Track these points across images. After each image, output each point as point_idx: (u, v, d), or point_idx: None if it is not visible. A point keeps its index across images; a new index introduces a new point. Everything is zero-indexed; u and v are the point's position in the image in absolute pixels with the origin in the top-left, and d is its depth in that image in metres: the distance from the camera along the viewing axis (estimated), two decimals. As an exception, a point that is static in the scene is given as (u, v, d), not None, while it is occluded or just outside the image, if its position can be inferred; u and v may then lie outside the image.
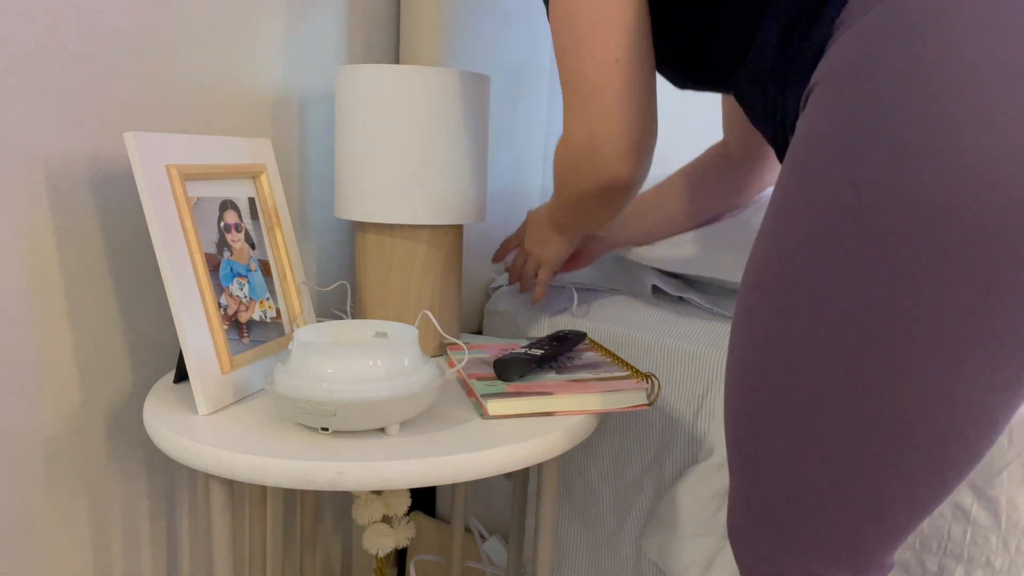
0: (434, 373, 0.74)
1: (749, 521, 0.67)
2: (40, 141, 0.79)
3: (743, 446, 0.66)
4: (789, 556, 0.65)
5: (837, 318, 0.56)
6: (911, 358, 0.54)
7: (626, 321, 1.05)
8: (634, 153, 0.77)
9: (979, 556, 0.79)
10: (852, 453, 0.60)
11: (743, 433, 0.66)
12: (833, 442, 0.60)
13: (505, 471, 0.70)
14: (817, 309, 0.57)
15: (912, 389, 0.55)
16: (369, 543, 1.10)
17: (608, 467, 1.05)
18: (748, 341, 0.63)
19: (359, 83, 0.90)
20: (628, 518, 1.04)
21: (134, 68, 0.86)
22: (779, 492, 0.64)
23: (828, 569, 0.65)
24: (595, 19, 0.75)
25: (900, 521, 0.62)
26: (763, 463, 0.64)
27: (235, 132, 0.98)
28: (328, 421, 0.68)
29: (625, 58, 0.75)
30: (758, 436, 0.64)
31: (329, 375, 0.69)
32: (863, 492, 0.61)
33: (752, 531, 0.67)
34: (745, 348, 0.64)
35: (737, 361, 0.65)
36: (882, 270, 0.54)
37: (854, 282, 0.55)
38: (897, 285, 0.53)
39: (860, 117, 0.54)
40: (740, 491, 0.68)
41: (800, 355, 0.59)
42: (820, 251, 0.56)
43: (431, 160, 0.91)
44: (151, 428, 0.72)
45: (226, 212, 0.83)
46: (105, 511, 0.90)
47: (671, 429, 0.99)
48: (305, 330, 0.75)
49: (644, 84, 0.77)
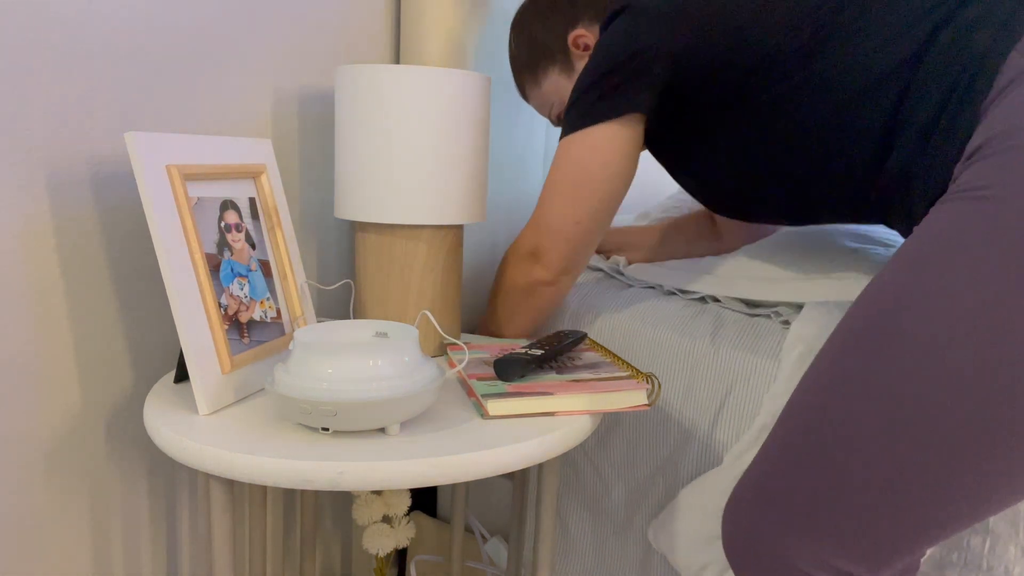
0: (434, 373, 0.74)
1: (778, 504, 0.68)
2: (40, 141, 0.79)
3: (814, 433, 0.65)
4: (811, 549, 0.66)
5: (968, 345, 0.57)
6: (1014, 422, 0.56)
7: (647, 319, 1.04)
8: (561, 271, 0.97)
9: (998, 566, 0.79)
10: (952, 468, 0.60)
11: (825, 419, 0.65)
12: (934, 452, 0.60)
13: (505, 471, 0.70)
14: (950, 333, 0.58)
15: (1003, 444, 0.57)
16: (369, 543, 1.10)
17: (622, 460, 1.04)
18: (874, 335, 0.63)
19: (359, 83, 0.90)
20: (638, 513, 1.03)
21: (134, 68, 0.86)
22: (845, 485, 0.64)
23: (848, 565, 0.65)
24: (581, 183, 0.92)
25: (933, 535, 0.63)
26: (836, 456, 0.64)
27: (235, 132, 0.98)
28: (328, 421, 0.68)
29: (585, 221, 0.94)
30: (846, 425, 0.63)
31: (329, 375, 0.69)
32: (917, 508, 0.61)
33: (777, 513, 0.68)
34: (864, 339, 0.63)
35: (847, 351, 0.65)
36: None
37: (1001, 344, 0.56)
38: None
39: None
40: (785, 473, 0.68)
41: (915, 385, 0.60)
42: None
43: (431, 160, 0.91)
44: (151, 428, 0.72)
45: (226, 212, 0.83)
46: (105, 511, 0.90)
47: (689, 428, 0.98)
48: (305, 330, 0.75)
49: (591, 239, 0.96)
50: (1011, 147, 0.58)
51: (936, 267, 0.60)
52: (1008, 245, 0.56)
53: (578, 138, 0.91)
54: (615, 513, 1.06)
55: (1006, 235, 0.56)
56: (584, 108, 0.90)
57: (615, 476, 1.05)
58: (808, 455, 0.66)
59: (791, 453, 0.67)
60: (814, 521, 0.65)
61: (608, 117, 0.88)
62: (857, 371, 0.63)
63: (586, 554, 1.09)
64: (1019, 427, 0.56)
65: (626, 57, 0.86)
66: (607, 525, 1.07)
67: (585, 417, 0.78)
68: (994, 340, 0.56)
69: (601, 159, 0.90)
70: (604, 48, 0.89)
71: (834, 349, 0.66)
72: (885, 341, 0.61)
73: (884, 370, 0.61)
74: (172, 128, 0.91)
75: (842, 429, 0.63)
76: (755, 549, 0.69)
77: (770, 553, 0.68)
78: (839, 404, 0.64)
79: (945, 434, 0.58)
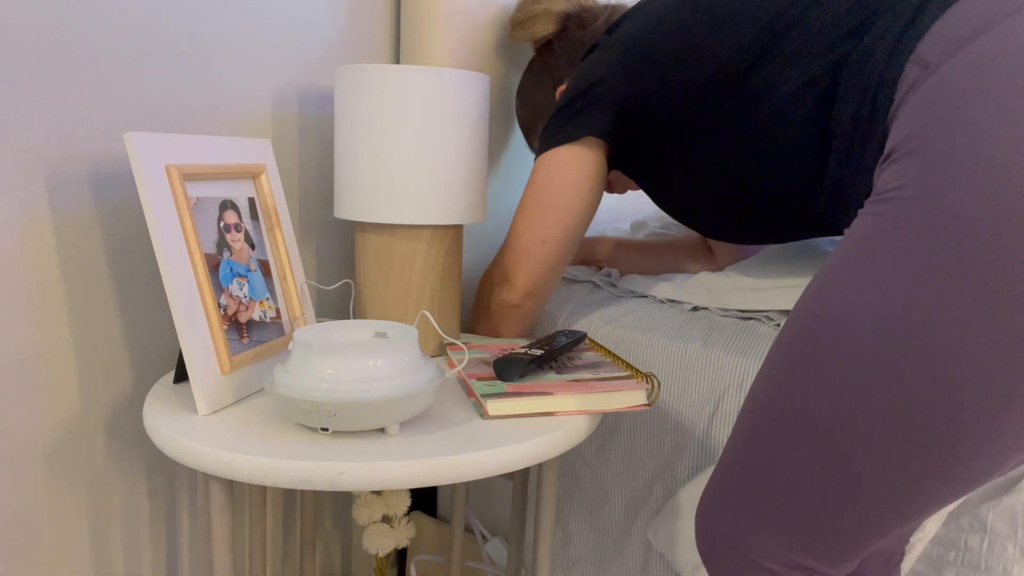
0: (434, 373, 0.74)
1: (737, 505, 0.70)
2: (40, 141, 0.79)
3: (763, 435, 0.68)
4: (771, 547, 0.68)
5: (896, 345, 0.59)
6: (958, 390, 0.57)
7: (641, 325, 1.04)
8: (527, 295, 1.01)
9: (996, 566, 0.79)
10: (889, 462, 0.61)
11: (769, 420, 0.67)
12: (872, 448, 0.62)
13: (505, 471, 0.70)
14: (879, 336, 0.60)
15: (963, 410, 0.58)
16: (369, 543, 1.10)
17: (621, 470, 1.04)
18: (807, 341, 0.65)
19: (359, 83, 0.90)
20: (637, 520, 1.03)
21: (134, 68, 0.86)
22: (793, 484, 0.66)
23: (808, 561, 0.68)
24: (550, 205, 0.98)
25: (891, 529, 0.64)
26: (782, 455, 0.66)
27: (235, 132, 0.98)
28: (328, 421, 0.68)
29: (551, 242, 0.98)
30: (789, 426, 0.66)
31: (329, 375, 0.69)
32: (865, 503, 0.63)
33: (737, 514, 0.70)
34: (798, 345, 0.66)
35: (786, 355, 0.67)
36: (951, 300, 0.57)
37: (930, 313, 0.58)
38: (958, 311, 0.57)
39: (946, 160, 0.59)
40: (733, 479, 0.71)
41: (854, 366, 0.61)
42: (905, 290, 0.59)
43: (431, 160, 0.91)
44: (151, 428, 0.72)
45: (226, 212, 0.83)
46: (105, 511, 0.90)
47: (685, 433, 0.98)
48: (305, 330, 0.75)
49: (559, 261, 1.00)
50: (908, 151, 0.62)
51: (855, 270, 0.63)
52: (911, 242, 0.59)
53: (544, 159, 0.98)
54: (615, 521, 1.06)
55: (908, 232, 0.59)
56: (551, 132, 0.98)
57: (614, 484, 1.05)
58: (758, 457, 0.68)
59: (744, 455, 0.70)
60: (771, 521, 0.68)
61: (570, 139, 0.96)
62: (794, 378, 0.66)
63: (586, 562, 1.09)
64: (951, 416, 0.58)
65: (587, 86, 0.95)
66: (608, 534, 1.07)
67: (585, 417, 0.78)
68: (916, 334, 0.58)
69: (566, 180, 0.97)
70: (572, 80, 0.98)
71: (773, 357, 0.69)
72: (818, 345, 0.64)
73: (820, 373, 0.64)
74: (172, 128, 0.91)
75: (785, 432, 0.66)
76: (721, 549, 0.72)
77: (734, 552, 0.71)
78: (779, 413, 0.67)
79: (881, 430, 0.60)
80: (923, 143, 0.61)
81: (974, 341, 0.56)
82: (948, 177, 0.58)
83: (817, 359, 0.64)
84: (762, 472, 0.68)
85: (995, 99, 0.57)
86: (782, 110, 0.82)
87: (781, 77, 0.82)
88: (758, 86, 0.84)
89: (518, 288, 1.00)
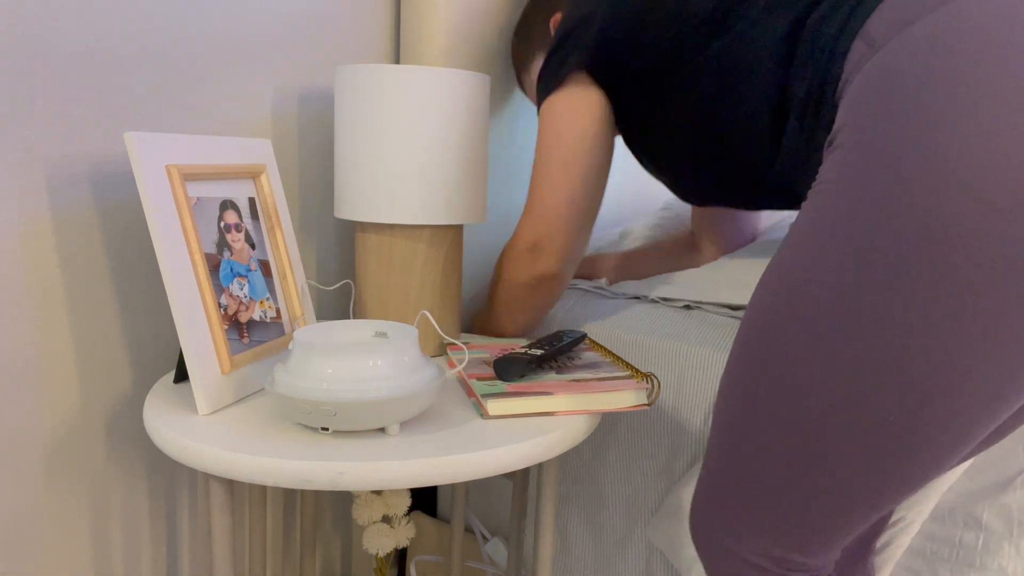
0: (434, 373, 0.74)
1: (719, 504, 0.71)
2: (40, 141, 0.79)
3: (732, 433, 0.69)
4: (752, 542, 0.69)
5: (850, 325, 0.59)
6: (909, 366, 0.57)
7: (635, 326, 1.04)
8: (564, 260, 0.96)
9: (992, 563, 0.79)
10: (846, 455, 0.61)
11: (735, 419, 0.68)
12: (827, 441, 0.62)
13: (505, 471, 0.70)
14: (834, 317, 0.60)
15: (909, 397, 0.57)
16: (369, 543, 1.10)
17: (618, 474, 1.04)
18: (757, 337, 0.66)
19: (359, 83, 0.90)
20: (637, 525, 1.03)
21: (134, 68, 0.86)
22: (762, 482, 0.67)
23: (789, 553, 0.68)
24: (565, 160, 0.94)
25: (866, 518, 0.65)
26: (750, 454, 0.67)
27: (235, 132, 0.98)
28: (328, 421, 0.68)
29: (578, 198, 0.94)
30: (751, 424, 0.66)
31: (329, 375, 0.69)
32: (844, 490, 0.63)
33: (719, 513, 0.71)
34: (750, 342, 0.66)
35: (742, 354, 0.68)
36: (893, 281, 0.57)
37: (867, 293, 0.58)
38: (903, 295, 0.56)
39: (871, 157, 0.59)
40: (712, 478, 0.72)
41: (810, 354, 0.61)
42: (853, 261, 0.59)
43: (431, 160, 0.91)
44: (151, 428, 0.72)
45: (226, 212, 0.83)
46: (105, 511, 0.90)
47: (681, 435, 0.98)
48: (305, 330, 0.75)
49: (587, 218, 0.96)
50: (843, 143, 0.62)
51: (795, 259, 0.63)
52: (841, 233, 0.59)
53: (546, 109, 0.96)
54: (615, 524, 1.06)
55: (838, 225, 0.60)
56: (547, 77, 0.96)
57: (612, 487, 1.05)
58: (730, 455, 0.69)
59: (720, 453, 0.71)
60: (748, 518, 0.69)
61: (566, 77, 0.95)
62: (748, 375, 0.66)
63: (587, 568, 1.09)
64: (902, 405, 0.58)
65: (572, 26, 0.95)
66: (608, 537, 1.07)
67: (585, 417, 0.78)
68: (858, 324, 0.58)
69: (574, 126, 0.94)
70: (560, 23, 0.98)
71: (734, 351, 0.69)
72: (767, 339, 0.65)
73: (771, 367, 0.64)
74: (172, 128, 0.91)
75: (747, 428, 0.67)
76: (710, 545, 0.73)
77: (721, 548, 0.72)
78: (741, 410, 0.68)
79: (835, 424, 0.61)
80: (858, 137, 0.61)
81: (912, 335, 0.56)
82: (877, 176, 0.58)
83: (768, 352, 0.64)
84: (735, 470, 0.69)
85: (929, 89, 0.56)
86: (747, 72, 0.82)
87: (748, 36, 0.82)
88: (727, 45, 0.84)
89: (557, 256, 0.95)
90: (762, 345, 0.65)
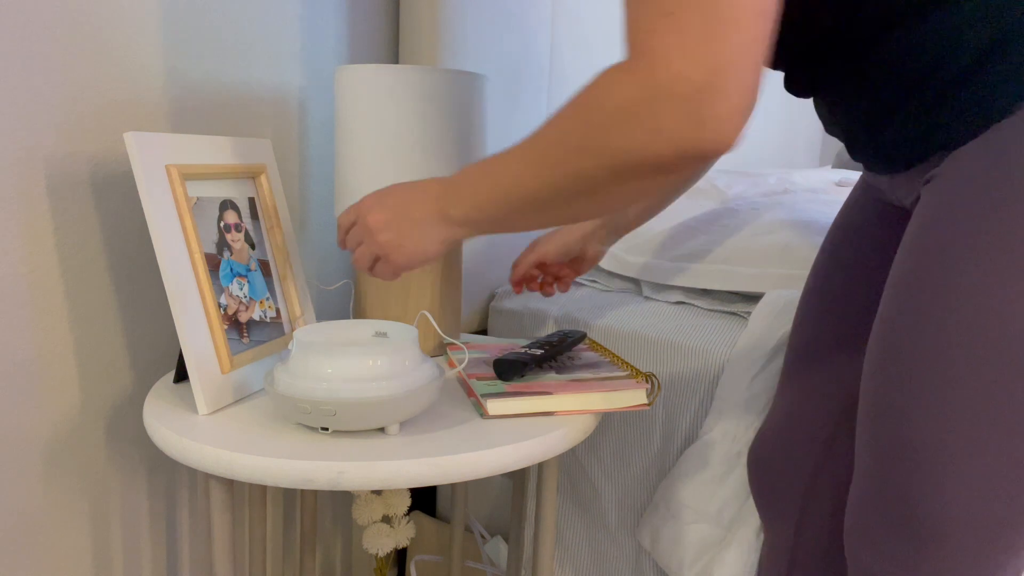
0: (434, 373, 0.74)
1: (894, 531, 0.63)
2: (40, 141, 0.79)
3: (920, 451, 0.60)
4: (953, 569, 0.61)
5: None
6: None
7: (628, 319, 1.05)
8: (750, 113, 0.53)
9: None
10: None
11: (919, 443, 0.60)
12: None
13: (505, 471, 0.70)
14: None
15: None
16: (369, 543, 1.10)
17: (611, 464, 1.05)
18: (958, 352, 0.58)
19: (359, 83, 0.90)
20: (630, 514, 1.04)
21: (134, 68, 0.86)
22: (956, 507, 0.60)
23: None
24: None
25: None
26: (942, 478, 0.60)
27: (235, 132, 0.98)
28: (328, 421, 0.68)
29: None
30: (940, 444, 0.59)
31: (329, 375, 0.69)
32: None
33: (901, 545, 0.63)
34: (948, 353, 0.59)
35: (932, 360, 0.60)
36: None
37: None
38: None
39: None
40: (887, 498, 0.64)
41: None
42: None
43: (430, 160, 0.91)
44: (151, 428, 0.72)
45: (226, 212, 0.83)
46: (105, 511, 0.90)
47: (674, 425, 0.99)
48: (305, 330, 0.75)
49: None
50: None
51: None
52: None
53: None
54: (607, 515, 1.06)
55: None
56: None
57: (605, 479, 1.05)
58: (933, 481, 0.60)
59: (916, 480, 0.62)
60: (956, 547, 0.60)
61: None
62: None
63: (581, 556, 1.10)
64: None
65: None
66: (600, 527, 1.07)
67: (585, 417, 0.78)
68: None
69: None
70: None
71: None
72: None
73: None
74: (172, 128, 0.91)
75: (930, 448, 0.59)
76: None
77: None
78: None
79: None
80: None
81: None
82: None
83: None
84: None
85: None
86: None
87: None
88: None
89: (743, 104, 0.51)
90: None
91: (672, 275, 1.10)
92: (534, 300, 1.20)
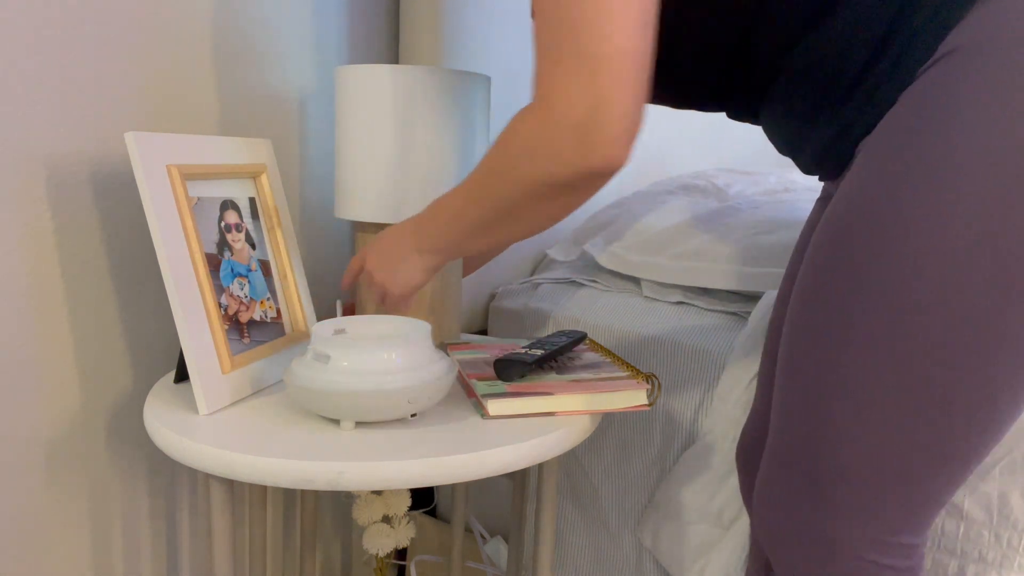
0: (448, 364, 0.76)
1: (801, 492, 0.66)
2: (40, 141, 0.79)
3: (815, 410, 0.64)
4: (860, 532, 0.65)
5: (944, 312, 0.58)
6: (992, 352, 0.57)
7: (628, 316, 1.05)
8: (633, 136, 0.61)
9: (972, 551, 0.80)
10: (936, 426, 0.60)
11: (815, 398, 0.64)
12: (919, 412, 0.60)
13: (505, 471, 0.70)
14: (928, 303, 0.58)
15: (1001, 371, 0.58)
16: (369, 543, 1.10)
17: (611, 464, 1.05)
18: (838, 321, 0.62)
19: (359, 83, 0.90)
20: (630, 515, 1.04)
21: (134, 68, 0.86)
22: (851, 463, 0.63)
23: (893, 536, 0.65)
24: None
25: (953, 488, 0.64)
26: (836, 432, 0.63)
27: (235, 132, 0.98)
28: (351, 412, 0.70)
29: (651, 23, 0.60)
30: (836, 400, 0.63)
31: (347, 368, 0.71)
32: (936, 461, 0.61)
33: (800, 500, 0.67)
34: (826, 327, 0.63)
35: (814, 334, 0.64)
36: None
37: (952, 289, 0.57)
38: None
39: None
40: (793, 461, 0.67)
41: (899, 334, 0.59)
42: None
43: (431, 160, 0.91)
44: (151, 428, 0.72)
45: (226, 212, 0.83)
46: (105, 511, 0.90)
47: (674, 426, 0.99)
48: (324, 324, 0.76)
49: (650, 58, 0.62)
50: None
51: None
52: None
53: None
54: (607, 515, 1.06)
55: None
56: None
57: (605, 479, 1.05)
58: (828, 435, 0.64)
59: (799, 428, 0.66)
60: (851, 501, 0.64)
61: None
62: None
63: (581, 556, 1.10)
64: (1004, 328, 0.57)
65: None
66: (600, 527, 1.07)
67: (585, 417, 0.78)
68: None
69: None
70: None
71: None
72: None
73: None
74: (172, 128, 0.91)
75: (840, 399, 0.63)
76: (799, 535, 0.68)
77: (817, 538, 0.66)
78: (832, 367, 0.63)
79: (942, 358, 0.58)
80: None
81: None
82: None
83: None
84: (828, 451, 0.64)
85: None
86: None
87: None
88: None
89: (626, 130, 0.61)
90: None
91: (672, 274, 1.10)
92: (534, 300, 1.20)
